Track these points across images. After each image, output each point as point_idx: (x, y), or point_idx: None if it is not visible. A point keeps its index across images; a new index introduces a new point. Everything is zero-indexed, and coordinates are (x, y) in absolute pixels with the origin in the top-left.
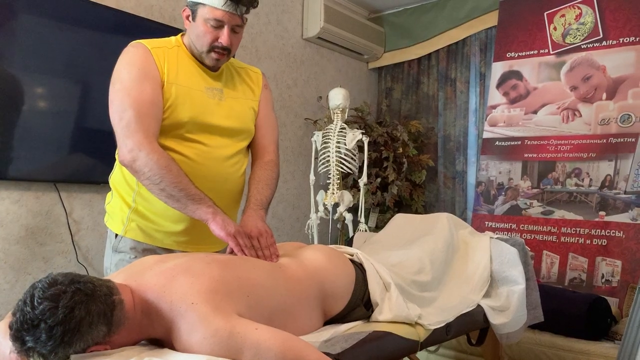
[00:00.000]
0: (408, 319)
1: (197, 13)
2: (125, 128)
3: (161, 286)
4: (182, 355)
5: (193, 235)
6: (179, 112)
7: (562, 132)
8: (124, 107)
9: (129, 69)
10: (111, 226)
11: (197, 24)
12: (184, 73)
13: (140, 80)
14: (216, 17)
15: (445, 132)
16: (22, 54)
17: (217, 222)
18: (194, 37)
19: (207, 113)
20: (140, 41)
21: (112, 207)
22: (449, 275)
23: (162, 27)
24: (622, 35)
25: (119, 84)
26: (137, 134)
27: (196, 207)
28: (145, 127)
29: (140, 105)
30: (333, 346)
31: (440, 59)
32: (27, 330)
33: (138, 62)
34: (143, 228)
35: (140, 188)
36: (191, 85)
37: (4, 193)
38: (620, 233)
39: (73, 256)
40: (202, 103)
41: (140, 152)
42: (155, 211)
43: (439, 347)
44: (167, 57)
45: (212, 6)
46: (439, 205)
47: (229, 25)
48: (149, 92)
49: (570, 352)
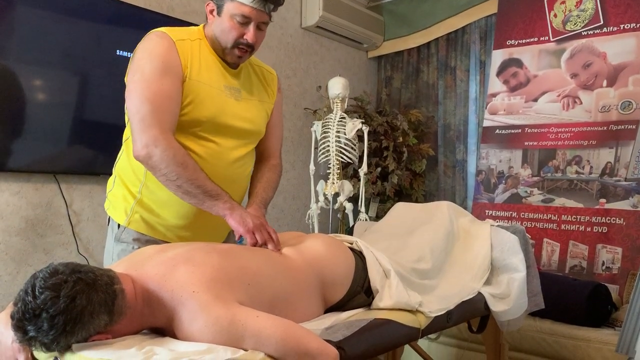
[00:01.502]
0: (409, 306)
1: (224, 8)
2: (141, 122)
3: (162, 275)
4: (184, 343)
5: (195, 230)
6: (199, 110)
7: (562, 120)
8: (142, 99)
9: (152, 60)
10: (113, 215)
11: (223, 19)
12: (206, 69)
13: (162, 73)
14: (244, 13)
15: (446, 120)
16: (21, 46)
17: (234, 218)
18: (219, 32)
19: (225, 113)
20: (164, 30)
21: (114, 195)
22: (449, 263)
23: (159, 17)
24: (623, 21)
25: (140, 75)
26: (153, 129)
27: (213, 204)
28: (161, 122)
29: (159, 99)
30: (334, 334)
31: (440, 48)
32: (29, 320)
33: (162, 54)
34: (147, 220)
35: (147, 180)
36: (212, 84)
37: (3, 185)
38: (621, 220)
39: (74, 247)
40: (221, 103)
41: (155, 148)
42: (160, 204)
43: (440, 334)
44: (190, 51)
45: (240, 2)
46: (439, 194)
47: (255, 22)
48: (170, 86)
49: (570, 339)
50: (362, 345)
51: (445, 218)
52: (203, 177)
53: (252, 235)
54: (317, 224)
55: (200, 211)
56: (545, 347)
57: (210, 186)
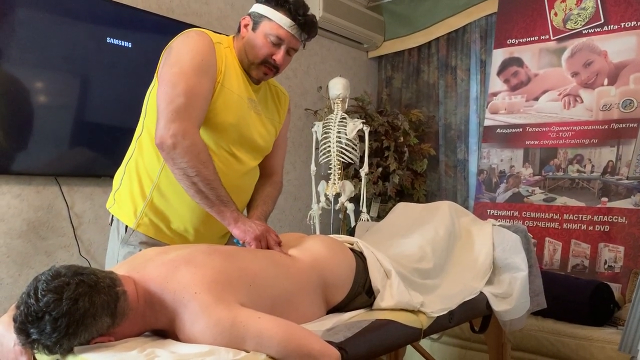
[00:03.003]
0: (410, 306)
1: (260, 25)
2: (174, 112)
3: (164, 277)
4: (185, 345)
5: (199, 239)
6: (225, 115)
7: (563, 119)
8: (177, 92)
9: (193, 56)
10: (120, 215)
11: (257, 36)
12: (235, 78)
13: (201, 71)
14: (279, 34)
15: (446, 120)
16: (22, 49)
17: (239, 228)
18: (249, 47)
19: (247, 125)
20: (204, 31)
21: (121, 194)
22: (451, 263)
23: (159, 19)
24: (624, 19)
25: (178, 68)
26: (186, 122)
27: (222, 210)
28: (193, 118)
29: (195, 96)
30: (336, 335)
31: (440, 47)
32: (31, 323)
33: (203, 52)
34: (156, 224)
35: (160, 182)
36: (240, 93)
37: (4, 187)
38: (623, 219)
39: (75, 250)
40: (244, 113)
41: (184, 139)
42: (170, 208)
43: (442, 334)
44: (225, 57)
45: (278, 24)
46: (441, 194)
47: (287, 45)
48: (206, 86)
49: (573, 338)
50: (364, 346)
51: (446, 218)
52: (219, 181)
53: (258, 243)
54: (318, 225)
55: (208, 218)
56: (548, 346)
57: (223, 192)
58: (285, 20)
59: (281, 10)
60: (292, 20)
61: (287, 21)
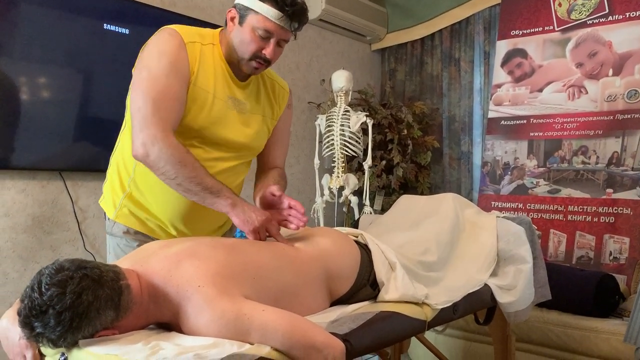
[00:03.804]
0: (415, 298)
1: (247, 19)
2: (141, 120)
3: (167, 271)
4: (190, 338)
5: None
6: (193, 117)
7: (568, 110)
8: (145, 98)
9: (160, 59)
10: (105, 207)
11: (244, 30)
12: (212, 77)
13: (169, 73)
14: (267, 28)
15: (450, 112)
16: (25, 44)
17: (238, 216)
18: (237, 41)
19: (221, 125)
20: (177, 29)
21: (106, 187)
22: (455, 255)
23: (162, 13)
24: (629, 9)
25: (147, 72)
26: (152, 128)
27: (214, 201)
28: (163, 121)
29: (163, 99)
30: (340, 327)
31: (443, 39)
32: (35, 317)
33: (171, 53)
34: (136, 214)
35: (135, 175)
36: (216, 93)
37: (9, 182)
38: (628, 210)
39: (80, 244)
40: (220, 114)
41: (153, 146)
42: (147, 203)
43: (446, 327)
44: (200, 56)
45: (265, 16)
46: (445, 186)
47: (276, 38)
48: (176, 88)
49: (578, 330)
50: (368, 338)
51: (450, 210)
52: (202, 174)
53: (257, 235)
54: (322, 218)
55: (189, 219)
56: (553, 338)
57: (211, 182)
58: (272, 12)
59: (268, 1)
60: (280, 12)
61: (275, 13)
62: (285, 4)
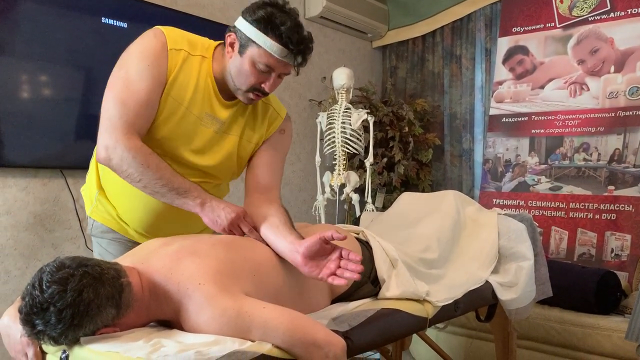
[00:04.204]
0: (416, 295)
1: (247, 50)
2: (107, 122)
3: (168, 268)
4: (191, 335)
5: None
6: (156, 126)
7: (569, 107)
8: (114, 100)
9: (138, 61)
10: (85, 198)
11: (244, 61)
12: (191, 90)
13: (145, 77)
14: (269, 63)
15: (451, 110)
16: (26, 42)
17: (207, 215)
18: (235, 71)
19: (182, 141)
20: (165, 32)
21: (88, 176)
22: (456, 253)
23: (163, 11)
24: (630, 6)
25: (124, 72)
26: (116, 131)
27: (183, 201)
28: (129, 125)
29: (133, 102)
30: (341, 324)
31: (445, 36)
32: (36, 314)
33: (150, 56)
34: (109, 212)
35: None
36: (189, 106)
37: (11, 180)
38: (630, 207)
39: (82, 242)
40: (186, 129)
41: (115, 149)
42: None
43: (448, 324)
44: (182, 65)
45: (268, 51)
46: (446, 183)
47: (277, 72)
48: (148, 91)
49: (579, 327)
50: (369, 335)
51: (451, 207)
52: (168, 175)
53: (230, 233)
54: (323, 216)
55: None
56: (554, 335)
57: (178, 183)
58: (276, 47)
59: (272, 35)
60: (285, 48)
61: (279, 49)
62: (290, 41)
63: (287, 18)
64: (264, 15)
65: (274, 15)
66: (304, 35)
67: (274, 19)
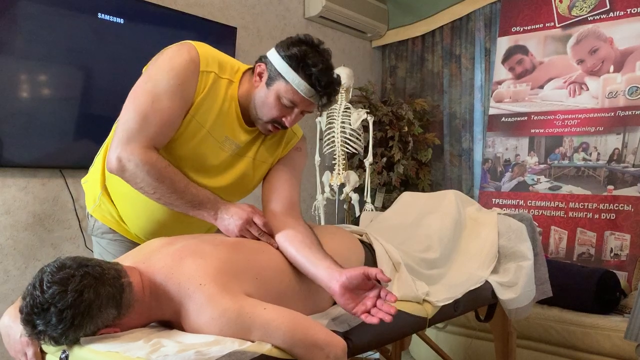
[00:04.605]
0: (415, 298)
1: (275, 83)
2: (124, 132)
3: (169, 268)
4: (191, 335)
5: None
6: (177, 144)
7: (569, 107)
8: (138, 112)
9: (169, 77)
10: (86, 196)
11: (270, 93)
12: (215, 113)
13: (172, 95)
14: (294, 100)
15: (451, 109)
16: (25, 41)
17: (220, 225)
18: (260, 102)
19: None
20: (199, 50)
21: (92, 172)
22: (456, 252)
23: (163, 10)
24: (630, 5)
25: (152, 85)
26: (133, 144)
27: (197, 213)
28: (147, 139)
29: (156, 118)
30: (341, 324)
31: (444, 36)
32: (37, 314)
33: (182, 75)
34: (112, 213)
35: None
36: (210, 130)
37: (10, 180)
38: (629, 207)
39: (81, 242)
40: (205, 151)
41: (129, 162)
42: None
43: (448, 324)
44: (210, 88)
45: (295, 89)
46: (446, 183)
47: (300, 109)
48: (174, 111)
49: (579, 327)
50: (369, 335)
51: (452, 207)
52: (182, 188)
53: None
54: (323, 215)
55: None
56: (554, 334)
57: (191, 195)
58: (303, 86)
59: (302, 74)
60: (312, 88)
61: (306, 88)
62: (319, 82)
63: (320, 59)
64: (297, 53)
65: (307, 55)
66: (333, 77)
67: (307, 58)
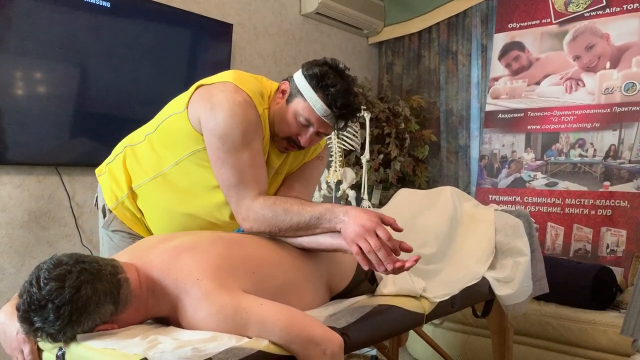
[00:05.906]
0: (412, 292)
1: (294, 100)
2: (235, 194)
3: (166, 264)
4: (188, 332)
5: None
6: None
7: (565, 103)
8: (233, 171)
9: (242, 129)
10: (104, 188)
11: (288, 110)
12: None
13: (253, 143)
14: (309, 118)
15: (448, 106)
16: (21, 38)
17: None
18: (278, 118)
19: None
20: (248, 93)
21: (112, 170)
22: (453, 248)
23: (159, 7)
24: (626, 1)
25: (231, 144)
26: (246, 200)
27: (318, 230)
28: (252, 189)
29: (249, 169)
30: (338, 320)
31: (441, 32)
32: (34, 311)
33: (253, 123)
34: (135, 214)
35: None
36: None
37: (5, 178)
38: (625, 203)
39: (77, 239)
40: None
41: (250, 219)
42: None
43: (444, 320)
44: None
45: (312, 107)
46: (442, 180)
47: (316, 129)
48: (257, 152)
49: (576, 322)
50: (366, 331)
51: (448, 203)
52: (297, 220)
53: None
54: None
55: None
56: (550, 330)
57: (305, 219)
58: (320, 105)
59: (319, 93)
60: (328, 108)
61: (322, 108)
62: (335, 103)
63: (340, 81)
64: (317, 73)
65: (327, 75)
66: (352, 101)
67: (326, 78)
